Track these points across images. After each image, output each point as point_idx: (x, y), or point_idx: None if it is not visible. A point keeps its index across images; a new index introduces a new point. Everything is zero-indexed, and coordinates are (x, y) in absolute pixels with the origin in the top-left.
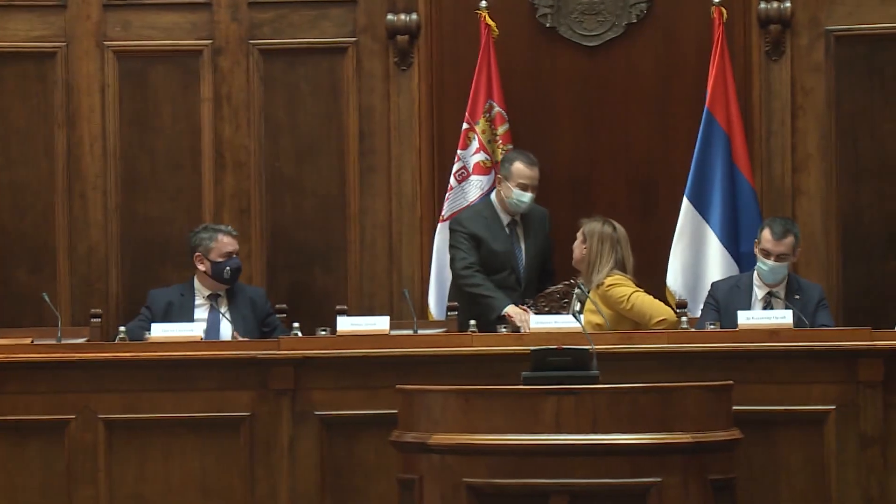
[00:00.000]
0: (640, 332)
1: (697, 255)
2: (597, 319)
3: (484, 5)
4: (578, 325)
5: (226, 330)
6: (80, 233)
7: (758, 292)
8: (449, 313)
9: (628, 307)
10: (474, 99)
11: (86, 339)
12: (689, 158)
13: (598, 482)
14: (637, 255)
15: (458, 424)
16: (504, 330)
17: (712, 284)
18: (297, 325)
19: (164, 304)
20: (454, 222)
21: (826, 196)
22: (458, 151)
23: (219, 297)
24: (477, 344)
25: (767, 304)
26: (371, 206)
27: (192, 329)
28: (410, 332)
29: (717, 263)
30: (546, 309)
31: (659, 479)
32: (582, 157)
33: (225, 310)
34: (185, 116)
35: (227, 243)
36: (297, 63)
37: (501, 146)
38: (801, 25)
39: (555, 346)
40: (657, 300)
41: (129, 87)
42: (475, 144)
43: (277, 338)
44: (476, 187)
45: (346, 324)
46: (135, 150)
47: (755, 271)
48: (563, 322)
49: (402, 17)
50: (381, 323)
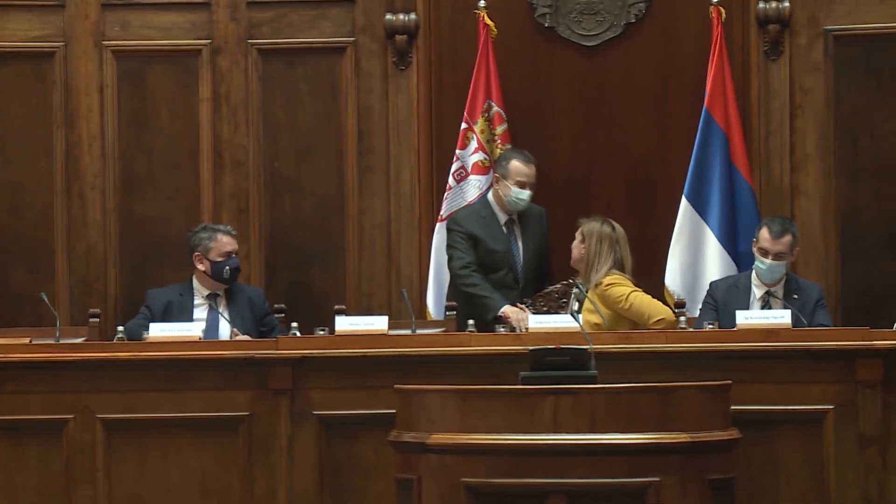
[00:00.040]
0: (638, 332)
1: (696, 254)
2: (595, 319)
3: (482, 5)
4: (577, 324)
5: (225, 330)
6: (78, 233)
7: (756, 292)
8: (447, 313)
9: (627, 307)
10: (473, 99)
11: (84, 338)
12: (688, 158)
13: (597, 482)
14: (635, 255)
15: (457, 424)
16: (502, 330)
17: (711, 284)
18: (295, 324)
19: (164, 304)
20: (451, 222)
21: (824, 196)
22: (457, 151)
23: (217, 296)
24: (475, 344)
25: (766, 304)
26: (370, 206)
27: (191, 329)
28: (409, 331)
29: (715, 263)
30: (544, 308)
31: (657, 479)
32: (580, 156)
33: (223, 309)
34: (183, 116)
35: (226, 243)
36: (296, 63)
37: (500, 146)
38: (800, 25)
39: (553, 346)
40: (655, 300)
41: (127, 86)
42: (474, 144)
43: (276, 337)
44: (475, 187)
45: (344, 323)
46: (133, 150)
47: (753, 271)
48: (561, 322)
49: (401, 16)
50: (379, 323)
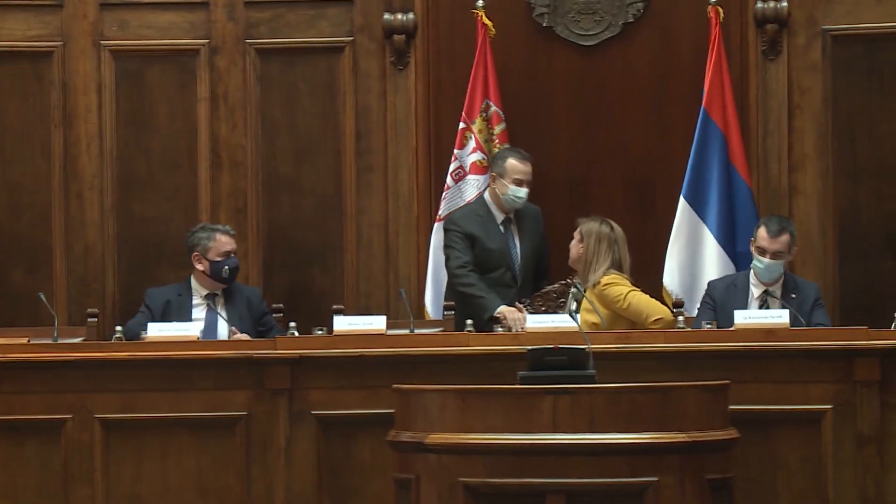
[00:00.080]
0: (636, 332)
1: (694, 254)
2: (593, 319)
3: (481, 5)
4: (575, 324)
5: (223, 330)
6: (76, 232)
7: (754, 291)
8: (446, 313)
9: (625, 306)
10: (471, 98)
11: (82, 338)
12: (686, 158)
13: (595, 482)
14: (634, 255)
15: (455, 424)
16: (500, 330)
17: (709, 283)
18: (293, 324)
19: (163, 303)
20: (448, 222)
21: (823, 195)
22: (455, 151)
23: (216, 296)
24: (473, 343)
25: (764, 303)
26: (368, 206)
27: (189, 329)
28: (407, 331)
29: (713, 263)
30: (543, 308)
31: (656, 479)
32: (579, 156)
33: (221, 309)
34: (181, 116)
35: (225, 242)
36: (294, 62)
37: (498, 146)
38: (798, 25)
39: (551, 346)
40: (654, 299)
41: (125, 86)
42: (472, 144)
43: (274, 337)
44: (473, 187)
45: (342, 323)
46: (131, 150)
47: (751, 270)
48: (559, 321)
49: (399, 16)
50: (377, 322)
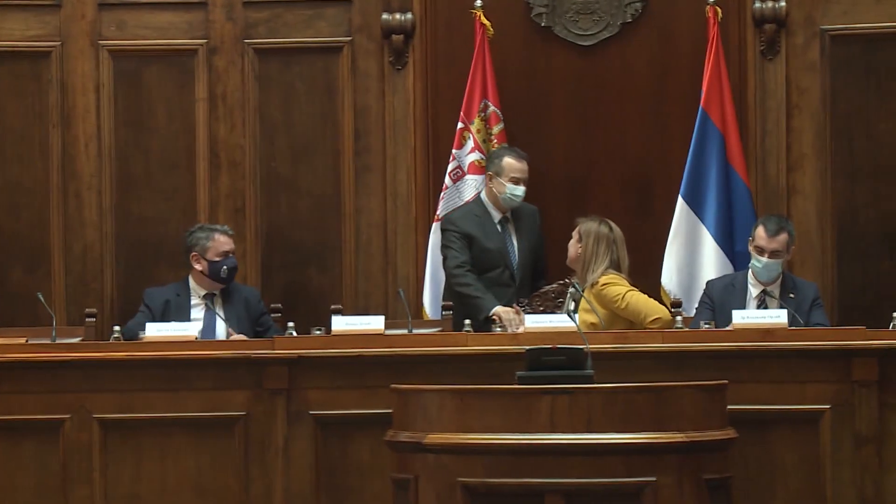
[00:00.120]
0: (634, 332)
1: (692, 254)
2: (591, 319)
3: (479, 5)
4: (573, 324)
5: (222, 330)
6: (74, 232)
7: (752, 291)
8: (444, 313)
9: (623, 306)
10: (469, 98)
11: (81, 338)
12: (684, 158)
13: (593, 482)
14: (632, 255)
15: (453, 424)
16: (498, 330)
17: (707, 283)
18: (292, 324)
19: (162, 303)
20: (446, 222)
21: (821, 195)
22: (454, 151)
23: (214, 296)
24: (472, 343)
25: (762, 303)
26: (366, 206)
27: (187, 329)
28: (405, 331)
29: (711, 263)
30: (541, 308)
31: (653, 479)
32: (577, 156)
33: (220, 309)
34: (180, 116)
35: (223, 242)
36: (293, 62)
37: (496, 146)
38: (796, 24)
39: (550, 346)
40: (652, 299)
41: (123, 86)
42: (470, 144)
43: (272, 337)
44: (471, 186)
45: (340, 323)
46: (130, 150)
47: (749, 270)
48: (557, 321)
49: (397, 16)
50: (375, 322)
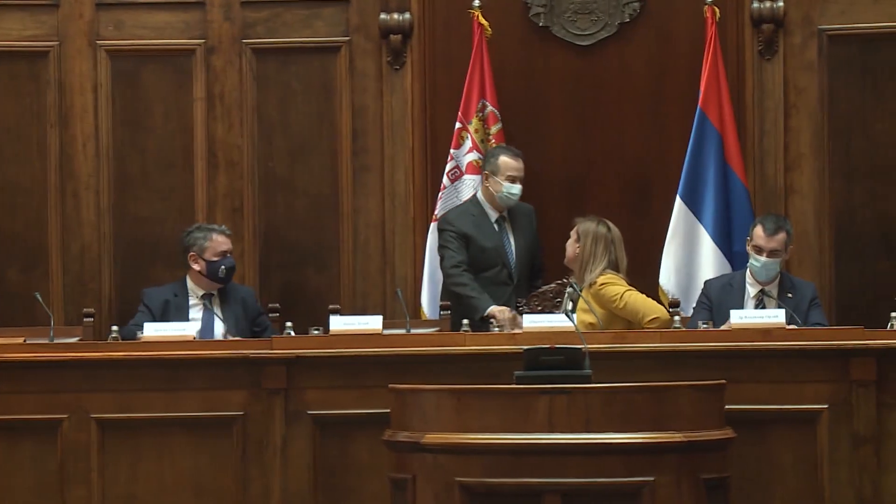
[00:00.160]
0: (632, 332)
1: (690, 254)
2: (589, 318)
3: (477, 4)
4: (571, 324)
5: (220, 330)
6: (72, 232)
7: (750, 290)
8: (442, 313)
9: (621, 305)
10: (467, 98)
11: (78, 338)
12: (682, 158)
13: (591, 481)
14: (630, 255)
15: (451, 424)
16: (496, 329)
17: (705, 283)
18: (290, 324)
19: (161, 303)
20: (442, 221)
21: (819, 195)
22: (451, 151)
23: (212, 296)
24: (470, 343)
25: (760, 303)
26: (364, 206)
27: (185, 328)
28: (403, 331)
29: (710, 263)
30: (539, 308)
31: (652, 479)
32: (575, 156)
33: (218, 309)
34: (177, 116)
35: (221, 242)
36: (290, 62)
37: (494, 146)
38: (794, 24)
39: (548, 346)
40: (650, 299)
41: (121, 86)
42: (468, 144)
43: (270, 337)
44: (469, 186)
45: (338, 323)
46: (127, 150)
47: (748, 270)
48: (555, 321)
49: (395, 16)
50: (373, 322)
